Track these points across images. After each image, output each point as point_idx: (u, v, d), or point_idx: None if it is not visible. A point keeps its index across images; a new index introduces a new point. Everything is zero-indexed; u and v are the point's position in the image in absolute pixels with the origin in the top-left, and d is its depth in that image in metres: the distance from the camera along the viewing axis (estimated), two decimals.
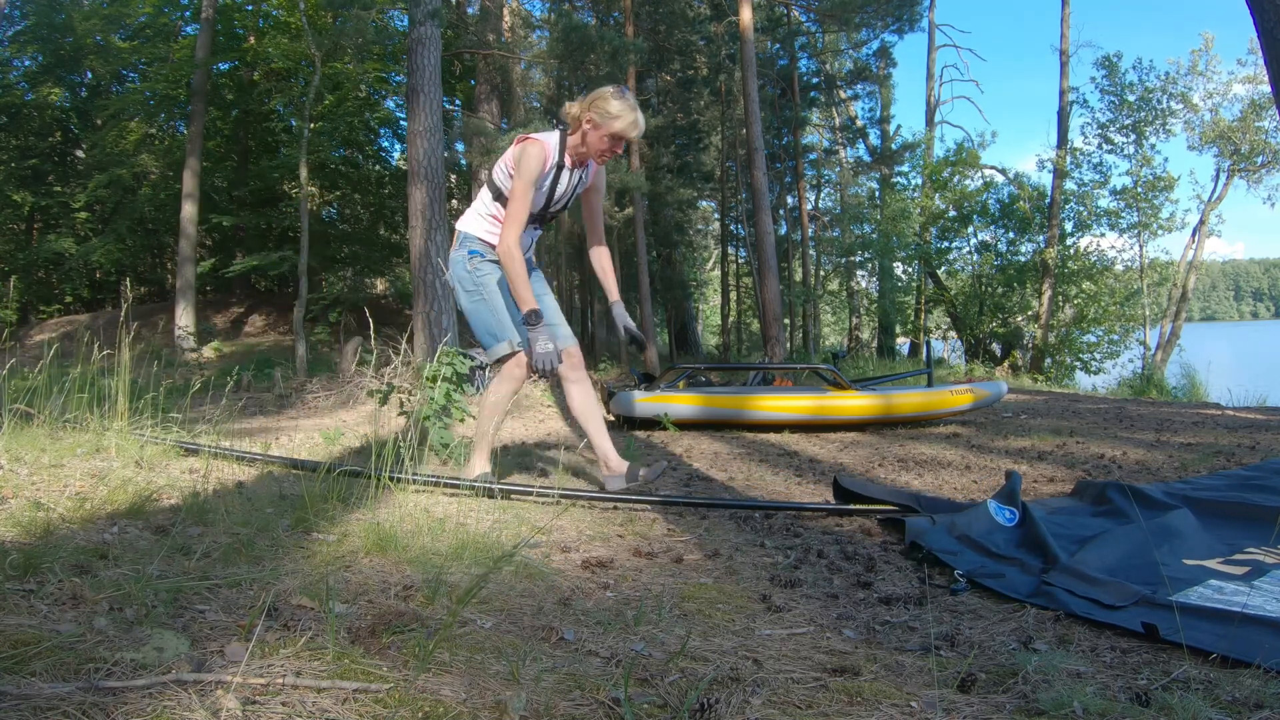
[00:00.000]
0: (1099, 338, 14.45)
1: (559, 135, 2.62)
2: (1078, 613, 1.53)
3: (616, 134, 2.52)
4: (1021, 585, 1.75)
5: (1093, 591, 1.61)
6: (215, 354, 11.68)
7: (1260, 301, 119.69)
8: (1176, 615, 1.40)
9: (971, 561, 1.96)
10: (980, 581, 1.80)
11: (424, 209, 7.65)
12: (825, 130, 21.15)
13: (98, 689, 0.91)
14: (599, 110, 2.51)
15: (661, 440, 4.68)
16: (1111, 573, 1.74)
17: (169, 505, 1.98)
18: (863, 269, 18.67)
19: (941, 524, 2.20)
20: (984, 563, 1.95)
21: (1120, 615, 1.50)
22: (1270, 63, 3.94)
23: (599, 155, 2.61)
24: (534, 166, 2.52)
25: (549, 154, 2.57)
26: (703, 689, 1.08)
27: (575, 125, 2.59)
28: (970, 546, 2.07)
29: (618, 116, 2.50)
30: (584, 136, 2.58)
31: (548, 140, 2.58)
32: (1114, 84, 15.09)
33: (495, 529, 2.00)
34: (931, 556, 2.02)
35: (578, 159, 2.67)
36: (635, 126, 2.54)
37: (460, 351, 3.54)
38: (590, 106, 2.53)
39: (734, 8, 12.13)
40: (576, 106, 2.59)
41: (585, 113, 2.54)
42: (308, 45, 9.59)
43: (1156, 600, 1.54)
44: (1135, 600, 1.54)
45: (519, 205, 2.54)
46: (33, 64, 15.18)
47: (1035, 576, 1.78)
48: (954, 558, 1.98)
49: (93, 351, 3.10)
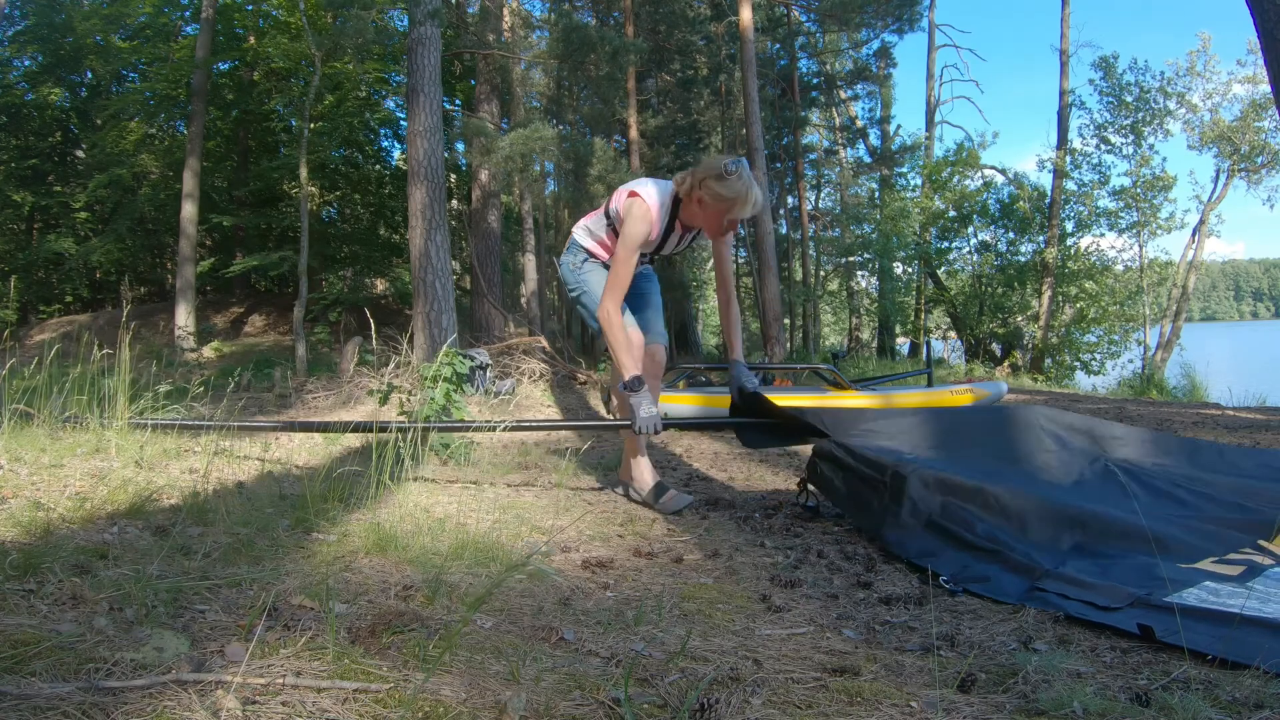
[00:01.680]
0: (1099, 338, 14.46)
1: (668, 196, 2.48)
2: (1073, 614, 1.53)
3: (732, 218, 2.39)
4: (1011, 588, 1.73)
5: (1086, 594, 1.60)
6: (215, 354, 11.69)
7: (1260, 301, 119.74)
8: (1177, 617, 1.40)
9: (953, 563, 1.90)
10: (968, 588, 1.77)
11: (424, 209, 7.65)
12: (825, 130, 21.15)
13: (98, 689, 0.91)
14: (710, 191, 2.35)
15: (661, 440, 4.68)
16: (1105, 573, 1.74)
17: (169, 505, 1.98)
18: (863, 269, 18.67)
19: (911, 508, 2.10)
20: (966, 562, 1.89)
21: (1116, 616, 1.50)
22: (1270, 63, 3.94)
23: (715, 233, 2.49)
24: (639, 231, 2.42)
25: (655, 218, 2.46)
26: (703, 689, 1.08)
27: (687, 199, 2.44)
28: (945, 539, 2.00)
29: (732, 200, 2.34)
30: (695, 214, 2.45)
31: (656, 201, 2.45)
32: (1111, 85, 15.10)
33: (495, 529, 2.00)
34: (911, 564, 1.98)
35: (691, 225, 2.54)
36: (751, 205, 2.36)
37: (460, 352, 3.55)
38: (701, 185, 2.37)
39: (734, 8, 12.13)
40: (688, 181, 2.43)
41: (695, 191, 2.39)
42: (308, 45, 9.59)
43: (1152, 602, 1.54)
44: (1130, 602, 1.54)
45: (623, 271, 2.44)
46: (33, 64, 15.18)
47: (1025, 579, 1.75)
48: (934, 560, 1.93)
49: (93, 351, 3.11)
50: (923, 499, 2.11)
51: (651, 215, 2.44)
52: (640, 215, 2.43)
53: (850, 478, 2.33)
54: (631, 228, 2.43)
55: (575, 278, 2.72)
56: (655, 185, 2.51)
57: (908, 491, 2.12)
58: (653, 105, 14.67)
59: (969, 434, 2.70)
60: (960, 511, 2.06)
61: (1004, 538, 1.95)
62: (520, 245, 13.89)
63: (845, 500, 2.37)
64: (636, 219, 2.42)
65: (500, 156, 8.67)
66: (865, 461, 2.29)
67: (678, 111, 14.88)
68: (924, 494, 2.12)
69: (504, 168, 9.05)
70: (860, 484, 2.29)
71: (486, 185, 10.92)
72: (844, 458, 2.35)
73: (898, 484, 2.15)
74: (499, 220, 11.56)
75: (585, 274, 2.70)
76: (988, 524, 2.01)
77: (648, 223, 2.43)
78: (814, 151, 20.43)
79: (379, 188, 15.13)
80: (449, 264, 7.86)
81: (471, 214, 11.45)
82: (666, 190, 2.51)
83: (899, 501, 2.13)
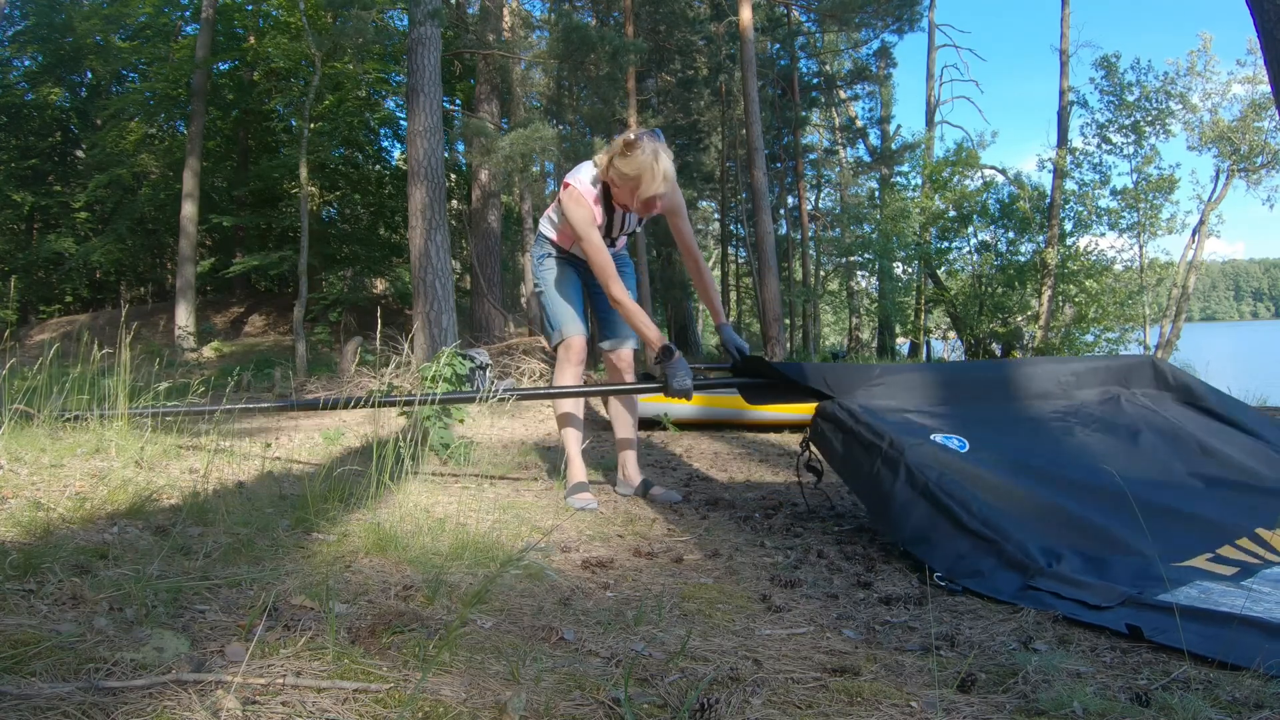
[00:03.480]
0: (1097, 337, 14.46)
1: (600, 185, 2.49)
2: (1064, 614, 1.53)
3: (642, 195, 2.33)
4: (1005, 585, 1.71)
5: (1079, 593, 1.59)
6: (215, 354, 11.69)
7: (1260, 301, 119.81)
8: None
9: (947, 553, 1.86)
10: (961, 582, 1.75)
11: (424, 209, 7.65)
12: (825, 130, 21.16)
13: (98, 689, 0.91)
14: (615, 171, 2.35)
15: (661, 440, 4.67)
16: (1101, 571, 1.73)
17: (169, 505, 1.98)
18: (863, 269, 18.68)
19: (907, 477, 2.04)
20: (961, 551, 1.85)
21: (1107, 616, 1.49)
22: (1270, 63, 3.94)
23: (640, 213, 2.49)
24: (581, 215, 2.43)
25: (589, 200, 2.46)
26: (703, 689, 1.08)
27: (609, 181, 2.43)
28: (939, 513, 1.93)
29: (636, 177, 2.30)
30: (618, 194, 2.43)
31: (585, 186, 2.46)
32: (1113, 84, 15.10)
33: (495, 529, 2.00)
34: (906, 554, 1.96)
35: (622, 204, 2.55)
36: (661, 180, 2.30)
37: (460, 352, 3.55)
38: (610, 164, 2.37)
39: (734, 8, 12.13)
40: (603, 158, 2.42)
41: (608, 169, 2.39)
42: (308, 45, 9.60)
43: (1144, 600, 1.53)
44: (1121, 600, 1.54)
45: (597, 257, 2.45)
46: (33, 64, 15.21)
47: (1019, 575, 1.73)
48: (927, 548, 1.89)
49: (93, 351, 3.10)
50: (920, 469, 2.04)
51: (585, 199, 2.46)
52: (574, 200, 2.45)
53: (849, 440, 2.26)
54: (572, 215, 2.46)
55: (537, 273, 2.79)
56: (591, 167, 2.51)
57: (904, 461, 2.06)
58: (653, 105, 14.66)
59: (976, 389, 2.63)
60: (957, 487, 1.99)
61: (1001, 523, 1.88)
62: (520, 245, 13.89)
63: (841, 463, 2.32)
64: (572, 206, 2.45)
65: (500, 156, 8.67)
66: (865, 426, 2.22)
67: (678, 111, 14.88)
68: (921, 465, 2.05)
69: (504, 168, 9.06)
70: (858, 448, 2.23)
71: (486, 185, 10.92)
72: (845, 419, 2.28)
73: (894, 455, 2.09)
74: (499, 220, 11.56)
75: (544, 271, 2.75)
76: (984, 504, 1.95)
77: (584, 205, 2.45)
78: (814, 151, 20.44)
79: (379, 188, 15.14)
80: (449, 264, 7.86)
81: (471, 214, 11.45)
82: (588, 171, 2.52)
83: (895, 472, 2.07)
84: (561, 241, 2.74)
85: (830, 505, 2.73)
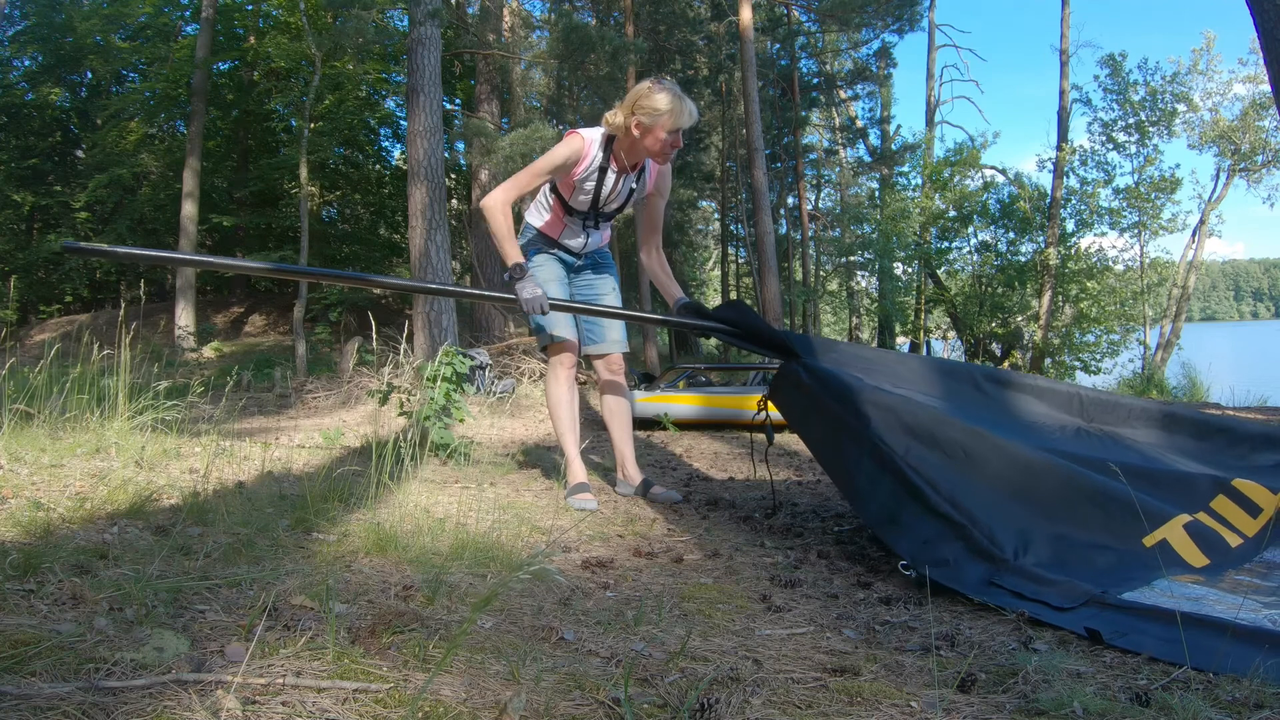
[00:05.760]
0: (1098, 337, 14.47)
1: (604, 137, 2.51)
2: (1028, 614, 1.50)
3: (671, 130, 2.39)
4: (971, 577, 1.66)
5: (1041, 593, 1.56)
6: (215, 354, 11.69)
7: (1260, 301, 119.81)
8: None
9: (913, 536, 1.80)
10: (928, 574, 1.65)
11: (424, 209, 7.65)
12: (825, 130, 21.16)
13: (98, 689, 0.91)
14: (644, 110, 2.37)
15: (661, 440, 4.68)
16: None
17: (169, 505, 1.98)
18: (863, 269, 18.68)
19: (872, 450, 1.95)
20: (927, 536, 1.77)
21: (1067, 617, 1.46)
22: (1270, 63, 3.95)
23: (659, 155, 2.49)
24: (558, 154, 2.45)
25: (587, 149, 2.48)
26: (703, 689, 1.08)
27: (624, 133, 2.45)
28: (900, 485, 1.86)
29: (667, 111, 2.36)
30: (635, 143, 2.46)
31: (591, 137, 2.48)
32: (1118, 83, 15.11)
33: (495, 529, 2.00)
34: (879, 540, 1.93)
35: (631, 164, 2.55)
36: (688, 115, 2.39)
37: (460, 351, 3.55)
38: (634, 109, 2.39)
39: (734, 8, 12.13)
40: (619, 114, 2.43)
41: (630, 118, 2.40)
42: (308, 45, 9.60)
43: (1107, 600, 1.50)
44: (1084, 600, 1.50)
45: (525, 176, 2.49)
46: (33, 64, 15.21)
47: (986, 567, 1.68)
48: (893, 530, 1.83)
49: (93, 351, 3.11)
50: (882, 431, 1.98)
51: (583, 147, 2.47)
52: (567, 143, 2.45)
53: (810, 404, 2.21)
54: (553, 151, 2.46)
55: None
56: (600, 127, 2.55)
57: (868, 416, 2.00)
58: None
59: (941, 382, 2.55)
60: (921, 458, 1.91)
61: (967, 504, 1.81)
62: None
63: (801, 425, 2.30)
64: (562, 145, 2.46)
65: (500, 157, 8.67)
66: (829, 390, 2.16)
67: None
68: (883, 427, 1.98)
69: (504, 168, 9.05)
70: (819, 413, 2.18)
71: (486, 185, 10.92)
72: (808, 382, 2.22)
73: (860, 420, 2.02)
74: None
75: (533, 268, 2.71)
76: (951, 479, 1.87)
77: (574, 150, 2.45)
78: (814, 151, 20.43)
79: (379, 188, 15.15)
80: (449, 264, 7.86)
81: (471, 214, 11.45)
82: (599, 131, 2.53)
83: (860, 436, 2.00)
84: (548, 230, 2.73)
85: (830, 505, 2.73)
